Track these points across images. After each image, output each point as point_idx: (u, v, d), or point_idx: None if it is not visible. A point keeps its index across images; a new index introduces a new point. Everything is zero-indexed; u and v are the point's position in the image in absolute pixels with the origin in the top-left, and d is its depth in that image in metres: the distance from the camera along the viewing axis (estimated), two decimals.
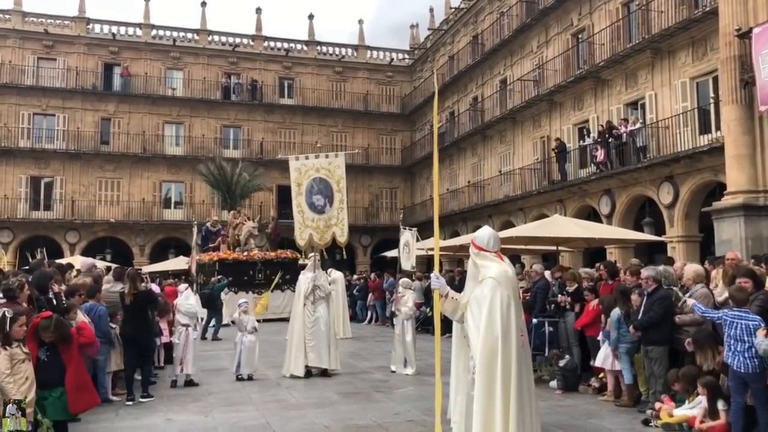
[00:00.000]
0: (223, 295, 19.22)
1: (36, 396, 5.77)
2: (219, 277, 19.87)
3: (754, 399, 6.30)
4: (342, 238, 11.72)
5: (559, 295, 10.79)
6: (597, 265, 11.03)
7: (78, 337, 7.01)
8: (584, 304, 9.89)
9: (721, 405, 6.77)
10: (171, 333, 12.21)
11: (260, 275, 22.80)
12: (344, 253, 12.92)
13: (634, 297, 8.38)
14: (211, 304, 17.92)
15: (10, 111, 34.39)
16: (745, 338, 6.21)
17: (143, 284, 9.83)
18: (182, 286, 11.66)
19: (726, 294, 7.53)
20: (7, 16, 35.42)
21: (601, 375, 9.27)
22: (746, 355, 6.18)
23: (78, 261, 20.90)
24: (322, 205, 11.68)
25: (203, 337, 17.02)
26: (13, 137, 34.19)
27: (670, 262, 11.31)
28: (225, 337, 17.02)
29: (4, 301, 6.86)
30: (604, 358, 8.83)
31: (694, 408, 7.05)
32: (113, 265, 17.12)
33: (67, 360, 6.22)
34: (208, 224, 25.63)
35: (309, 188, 11.69)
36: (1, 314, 5.71)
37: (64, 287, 8.81)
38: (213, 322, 17.93)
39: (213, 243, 24.51)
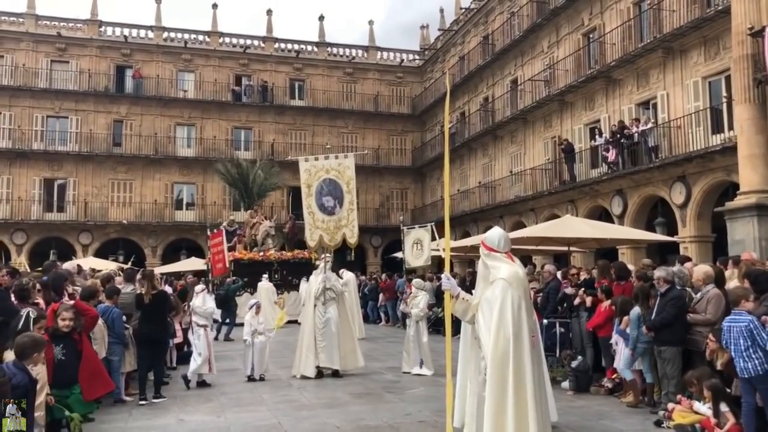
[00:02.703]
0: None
1: (55, 396, 5.83)
2: (234, 278, 19.77)
3: (763, 401, 6.26)
4: (352, 239, 11.75)
5: (568, 288, 10.73)
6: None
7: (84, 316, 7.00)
8: (596, 301, 9.83)
9: (723, 407, 6.73)
10: (185, 333, 12.29)
11: (276, 276, 22.73)
12: (353, 253, 12.94)
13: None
14: (226, 305, 17.91)
15: (24, 113, 34.69)
16: (740, 341, 6.17)
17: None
18: (198, 287, 11.69)
19: None
20: (21, 20, 35.71)
21: (615, 376, 9.24)
22: (750, 358, 6.11)
23: (90, 263, 21.04)
24: (332, 206, 11.71)
25: (216, 338, 17.07)
26: (27, 139, 34.47)
27: (686, 260, 11.21)
28: (237, 337, 17.09)
29: (15, 302, 6.94)
30: (621, 361, 8.78)
31: (710, 409, 7.01)
32: (125, 266, 17.24)
33: (80, 348, 6.28)
34: (225, 224, 25.65)
35: (319, 189, 11.73)
36: (25, 314, 5.77)
37: (78, 288, 8.89)
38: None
39: (230, 243, 24.50)
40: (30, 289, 6.91)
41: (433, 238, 15.53)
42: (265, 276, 20.12)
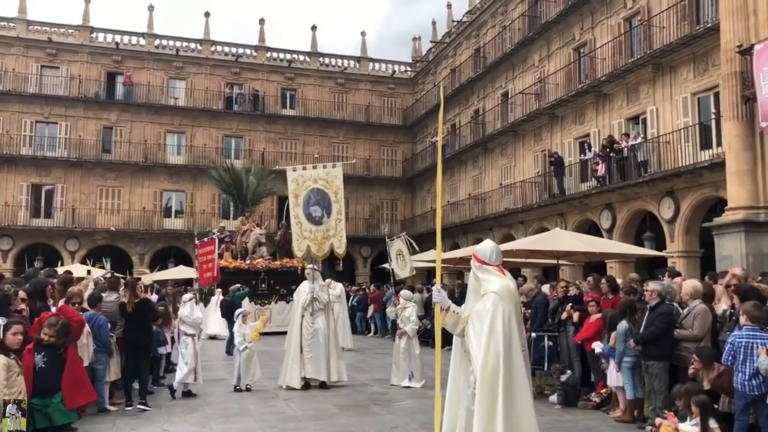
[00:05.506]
0: (245, 305, 18.29)
1: (36, 405, 5.74)
2: (238, 285, 19.07)
3: (759, 417, 6.23)
4: (340, 249, 11.69)
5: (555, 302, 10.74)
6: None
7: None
8: (584, 315, 9.82)
9: (712, 423, 6.71)
10: (172, 342, 12.16)
11: (263, 285, 22.48)
12: (341, 264, 12.88)
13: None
14: (232, 313, 17.34)
15: (13, 118, 34.47)
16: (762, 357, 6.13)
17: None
18: (186, 296, 11.58)
19: (727, 305, 7.54)
20: (12, 24, 35.55)
21: (604, 390, 9.22)
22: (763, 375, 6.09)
23: (77, 269, 20.76)
24: (319, 216, 11.66)
25: (229, 352, 16.33)
26: (15, 145, 34.23)
27: (676, 274, 11.22)
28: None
29: None
30: (611, 375, 8.76)
31: (696, 426, 7.00)
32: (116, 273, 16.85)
33: (64, 357, 6.19)
34: (215, 231, 25.33)
35: (306, 199, 11.69)
36: None
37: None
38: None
39: (219, 250, 24.09)
40: (11, 296, 6.81)
41: (410, 251, 15.45)
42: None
